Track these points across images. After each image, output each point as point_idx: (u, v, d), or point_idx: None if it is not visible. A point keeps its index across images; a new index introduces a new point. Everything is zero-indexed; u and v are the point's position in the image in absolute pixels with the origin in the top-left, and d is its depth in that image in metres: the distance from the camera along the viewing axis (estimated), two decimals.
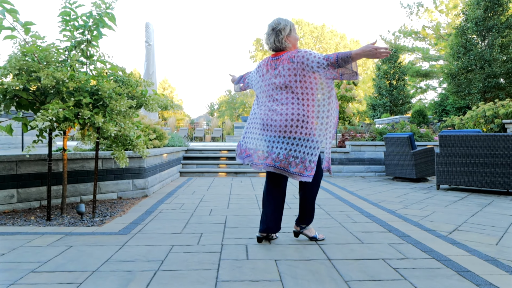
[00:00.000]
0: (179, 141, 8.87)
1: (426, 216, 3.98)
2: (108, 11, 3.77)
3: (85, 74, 3.68)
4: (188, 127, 25.45)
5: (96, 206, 4.39)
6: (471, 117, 8.73)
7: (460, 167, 5.72)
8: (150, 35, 8.76)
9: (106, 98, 3.57)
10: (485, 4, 12.78)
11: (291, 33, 2.82)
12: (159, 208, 4.37)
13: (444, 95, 18.41)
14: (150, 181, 5.48)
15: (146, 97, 4.08)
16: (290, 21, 2.86)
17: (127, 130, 3.78)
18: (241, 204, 4.61)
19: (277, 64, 2.76)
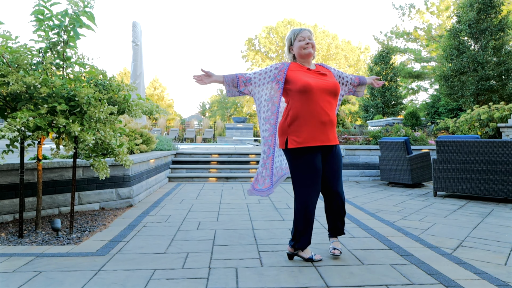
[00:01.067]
0: (168, 144, 8.57)
1: (426, 229, 3.77)
2: (86, 9, 3.48)
3: (61, 78, 3.38)
4: (179, 127, 25.07)
5: (76, 219, 4.10)
6: (465, 120, 8.59)
7: (458, 174, 5.54)
8: (138, 35, 8.44)
9: (84, 104, 3.28)
10: (478, 6, 12.69)
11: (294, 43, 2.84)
12: (144, 220, 4.09)
13: (436, 96, 18.38)
14: (136, 189, 5.19)
15: (129, 103, 3.79)
16: (289, 33, 2.88)
17: (108, 138, 3.50)
18: (232, 216, 4.35)
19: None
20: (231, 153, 8.87)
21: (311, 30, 2.90)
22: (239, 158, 8.65)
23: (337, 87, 2.71)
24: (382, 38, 25.14)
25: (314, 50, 2.81)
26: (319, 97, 2.60)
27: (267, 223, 3.97)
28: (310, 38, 2.81)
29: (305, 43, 2.75)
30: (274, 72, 2.74)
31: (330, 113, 2.66)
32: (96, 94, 3.36)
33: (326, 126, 2.61)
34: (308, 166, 2.60)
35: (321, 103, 2.60)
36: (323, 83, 2.65)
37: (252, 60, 42.67)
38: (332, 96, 2.68)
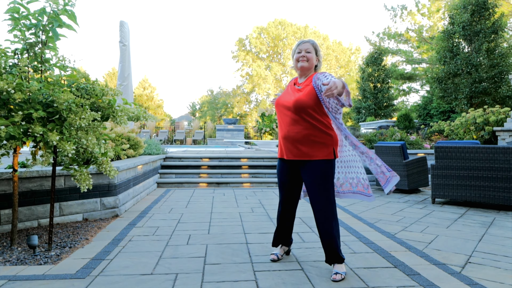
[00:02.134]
0: (156, 148, 8.28)
1: (430, 242, 3.57)
2: (67, 8, 3.21)
3: (39, 82, 3.10)
4: (169, 129, 24.71)
5: (56, 232, 3.82)
6: (460, 123, 8.48)
7: (457, 180, 5.38)
8: (125, 35, 8.14)
9: (64, 111, 3.01)
10: (472, 8, 12.64)
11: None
12: (130, 234, 3.82)
13: (427, 98, 18.36)
14: (122, 198, 4.91)
15: (113, 108, 3.53)
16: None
17: (91, 146, 3.23)
18: (224, 228, 4.11)
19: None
20: (222, 157, 8.62)
21: (314, 43, 2.73)
22: (231, 163, 8.40)
23: (298, 103, 2.57)
24: (374, 39, 25.15)
25: (311, 63, 2.70)
26: (282, 113, 2.70)
27: (261, 236, 3.74)
28: (309, 50, 2.68)
29: (299, 56, 2.70)
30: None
31: (291, 129, 2.63)
32: (77, 100, 3.09)
33: (289, 142, 2.66)
34: (277, 176, 2.91)
35: (284, 119, 2.68)
36: (287, 100, 2.66)
37: (243, 61, 42.45)
38: (294, 112, 2.59)
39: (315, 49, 2.70)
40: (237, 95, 44.43)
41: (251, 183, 7.67)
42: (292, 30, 41.41)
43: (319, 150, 2.59)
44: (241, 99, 44.62)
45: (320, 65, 2.78)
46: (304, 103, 2.55)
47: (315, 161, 2.60)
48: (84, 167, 3.34)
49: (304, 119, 2.58)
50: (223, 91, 47.59)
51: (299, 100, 2.57)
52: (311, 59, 2.67)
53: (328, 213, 2.61)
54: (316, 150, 2.59)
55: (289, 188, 2.85)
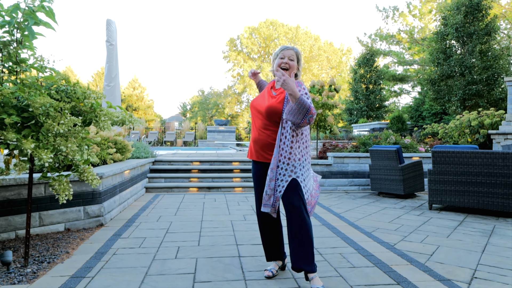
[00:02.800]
0: (145, 151, 8.02)
1: (432, 253, 3.41)
2: (45, 4, 2.96)
3: (13, 85, 2.85)
4: (159, 130, 24.35)
5: (35, 244, 3.56)
6: (455, 126, 8.38)
7: (455, 186, 5.24)
8: (112, 34, 7.86)
9: (40, 115, 2.77)
10: (465, 9, 12.59)
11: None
12: (114, 246, 3.58)
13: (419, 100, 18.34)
14: (107, 206, 4.66)
15: (96, 112, 3.28)
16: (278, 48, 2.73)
17: (71, 154, 2.99)
18: (215, 238, 3.89)
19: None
20: (213, 160, 8.39)
21: (298, 51, 2.64)
22: (222, 166, 8.18)
23: (270, 109, 2.53)
24: (366, 40, 25.09)
25: (291, 71, 2.59)
26: (255, 116, 2.66)
27: (254, 248, 3.53)
28: (292, 58, 2.60)
29: (281, 62, 2.60)
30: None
31: (261, 133, 2.61)
32: (55, 104, 2.85)
33: (258, 145, 2.64)
34: (253, 179, 2.82)
35: (256, 122, 2.65)
36: (261, 104, 2.62)
37: (234, 61, 42.20)
38: (265, 117, 2.57)
39: (297, 58, 2.64)
40: (228, 96, 44.16)
41: (242, 188, 7.46)
42: (283, 30, 41.28)
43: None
44: (232, 99, 44.36)
45: (300, 74, 2.69)
46: (276, 109, 2.53)
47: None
48: (64, 176, 3.10)
49: (275, 126, 2.57)
50: (214, 91, 47.27)
51: (271, 106, 2.55)
52: (293, 67, 2.61)
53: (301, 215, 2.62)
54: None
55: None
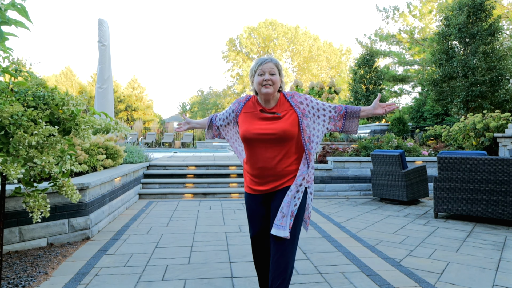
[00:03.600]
0: (139, 156, 7.75)
1: (441, 272, 3.14)
2: (16, 1, 2.69)
3: None
4: (157, 131, 24.08)
5: (12, 263, 3.29)
6: (459, 129, 8.12)
7: (462, 194, 4.98)
8: (105, 34, 7.58)
9: (11, 126, 2.50)
10: (468, 9, 12.31)
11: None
12: (98, 265, 3.31)
13: (420, 100, 18.07)
14: (94, 218, 4.39)
15: (77, 120, 3.01)
16: (253, 62, 2.34)
17: (48, 167, 2.72)
18: (207, 254, 3.62)
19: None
20: (209, 164, 8.12)
21: (277, 62, 2.26)
22: (218, 171, 7.91)
23: (286, 134, 2.15)
24: (365, 41, 24.82)
25: (277, 87, 2.23)
26: (261, 147, 2.20)
27: (248, 266, 3.26)
28: (273, 72, 2.21)
29: (262, 79, 2.19)
30: (232, 115, 2.43)
31: (274, 163, 2.19)
32: (28, 112, 2.58)
33: (266, 176, 2.22)
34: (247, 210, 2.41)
35: (264, 154, 2.19)
36: (266, 131, 2.17)
37: (233, 61, 41.98)
38: (279, 143, 2.17)
39: (278, 69, 2.26)
40: (227, 96, 43.94)
41: (239, 194, 7.19)
42: (283, 30, 41.04)
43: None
44: (231, 99, 44.12)
45: (283, 85, 2.35)
46: (290, 132, 2.16)
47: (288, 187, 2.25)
48: (40, 191, 2.83)
49: (286, 150, 2.20)
50: (213, 91, 47.09)
51: (286, 131, 2.16)
52: (276, 82, 2.23)
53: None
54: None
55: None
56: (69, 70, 44.03)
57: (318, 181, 7.34)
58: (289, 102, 2.24)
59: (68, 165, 3.07)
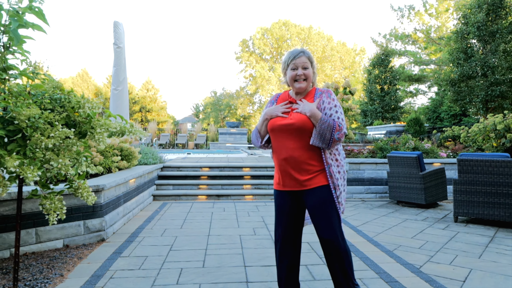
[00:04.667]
0: (153, 157, 7.77)
1: (464, 280, 3.03)
2: (33, 4, 2.70)
3: None
4: (171, 132, 24.24)
5: (29, 264, 3.31)
6: (479, 130, 7.91)
7: (484, 197, 4.82)
8: (120, 36, 7.64)
9: (28, 128, 2.51)
10: (488, 7, 11.99)
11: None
12: (113, 267, 3.30)
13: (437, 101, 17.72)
14: (109, 219, 4.40)
15: (93, 123, 3.01)
16: (285, 54, 2.35)
17: (64, 169, 2.72)
18: (221, 257, 3.58)
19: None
20: (223, 166, 8.09)
21: (310, 55, 2.28)
22: (232, 172, 7.88)
23: (304, 124, 2.18)
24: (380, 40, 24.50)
25: (310, 81, 2.29)
26: (283, 137, 2.25)
27: (264, 271, 3.21)
28: (306, 66, 2.25)
29: (295, 74, 2.25)
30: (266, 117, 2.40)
31: (296, 154, 2.22)
32: (44, 115, 2.58)
33: (290, 167, 2.24)
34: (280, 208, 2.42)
35: (285, 144, 2.24)
36: (287, 121, 2.24)
37: (246, 62, 41.97)
38: (299, 134, 2.21)
39: (311, 62, 2.29)
40: (240, 97, 43.94)
41: (253, 196, 7.14)
42: (296, 31, 40.86)
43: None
44: (244, 100, 44.13)
45: (316, 78, 2.37)
46: (309, 123, 2.19)
47: (316, 188, 2.30)
48: (56, 194, 2.83)
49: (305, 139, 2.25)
50: (226, 92, 47.16)
51: (301, 120, 2.20)
52: (309, 76, 2.27)
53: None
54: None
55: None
56: (85, 72, 44.74)
57: None
58: (316, 97, 2.27)
59: (84, 167, 3.08)
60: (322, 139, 2.12)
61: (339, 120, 2.16)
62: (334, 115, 2.18)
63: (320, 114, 2.15)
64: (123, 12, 79.28)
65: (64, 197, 3.84)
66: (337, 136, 2.11)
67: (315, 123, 2.13)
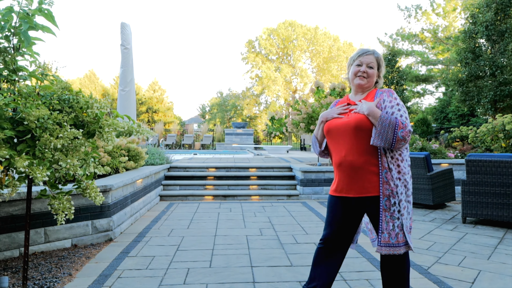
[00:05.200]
0: (160, 157, 7.81)
1: (473, 281, 3.00)
2: (43, 6, 2.73)
3: (5, 96, 2.63)
4: (177, 133, 24.34)
5: (38, 264, 3.34)
6: (487, 130, 7.84)
7: (492, 198, 4.78)
8: (127, 37, 7.69)
9: (37, 129, 2.53)
10: (496, 6, 11.87)
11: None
12: (120, 267, 3.32)
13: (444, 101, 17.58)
14: (117, 219, 4.43)
15: (101, 123, 3.04)
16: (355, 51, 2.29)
17: (72, 169, 2.74)
18: (228, 258, 3.58)
19: None
20: (229, 166, 8.11)
21: (379, 56, 2.21)
22: (238, 173, 7.89)
23: (359, 124, 2.06)
24: (387, 40, 24.40)
25: (371, 81, 2.19)
26: (338, 139, 2.16)
27: (271, 271, 3.21)
28: (372, 65, 2.17)
29: (358, 70, 2.18)
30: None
31: (351, 156, 2.12)
32: (53, 116, 2.61)
33: (347, 171, 2.14)
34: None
35: (340, 146, 2.14)
36: (343, 121, 2.16)
37: (252, 62, 42.00)
38: (355, 135, 2.09)
39: (378, 63, 2.20)
40: (246, 97, 43.98)
41: (259, 196, 7.14)
42: (302, 31, 40.81)
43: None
44: (250, 101, 44.17)
45: (381, 81, 2.27)
46: (365, 123, 2.07)
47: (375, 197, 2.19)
48: (64, 194, 2.86)
49: (361, 141, 2.14)
50: (232, 93, 47.24)
51: (358, 120, 2.09)
52: (372, 76, 2.18)
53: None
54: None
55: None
56: (93, 73, 45.11)
57: None
58: (376, 97, 2.15)
59: (92, 168, 3.10)
60: (384, 139, 1.98)
61: (402, 118, 2.02)
62: (396, 113, 2.04)
63: (379, 112, 2.01)
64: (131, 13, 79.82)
65: (72, 197, 3.88)
66: (401, 134, 1.96)
67: (374, 122, 2.00)
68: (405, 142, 2.00)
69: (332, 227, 2.21)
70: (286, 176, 7.89)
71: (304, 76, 41.09)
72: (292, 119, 8.66)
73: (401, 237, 2.05)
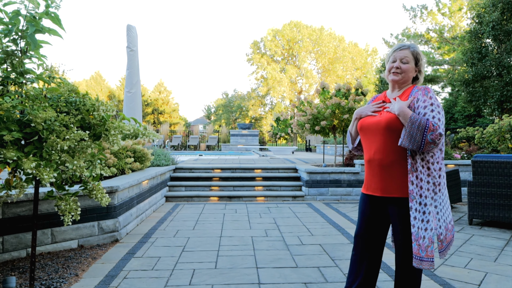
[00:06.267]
0: (166, 159, 7.84)
1: (479, 283, 2.98)
2: (50, 10, 2.76)
3: (15, 97, 2.66)
4: (183, 134, 24.42)
5: (45, 264, 3.37)
6: (494, 131, 7.77)
7: (499, 200, 4.74)
8: (133, 39, 7.74)
9: (44, 131, 2.56)
10: (503, 6, 11.77)
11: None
12: (126, 267, 3.34)
13: (450, 101, 17.46)
14: (123, 220, 4.46)
15: (107, 125, 3.06)
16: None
17: (79, 171, 2.77)
18: (233, 259, 3.59)
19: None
20: (235, 167, 8.12)
21: (415, 49, 2.14)
22: (244, 174, 7.89)
23: (390, 123, 2.01)
24: (392, 41, 24.28)
25: (406, 76, 2.12)
26: (369, 137, 2.14)
27: (276, 272, 3.21)
28: (406, 60, 2.11)
29: (392, 66, 2.14)
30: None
31: (379, 156, 2.08)
32: (60, 118, 2.64)
33: (376, 169, 2.11)
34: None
35: (371, 144, 2.12)
36: (374, 119, 2.13)
37: (258, 64, 42.03)
38: (385, 134, 2.05)
39: (415, 58, 2.13)
40: (252, 98, 44.01)
41: (265, 197, 7.15)
42: (307, 32, 40.77)
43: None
44: (256, 102, 44.19)
45: (422, 76, 2.19)
46: (396, 123, 2.01)
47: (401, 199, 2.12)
48: (71, 195, 2.89)
49: (391, 141, 2.12)
50: (238, 94, 47.30)
51: (388, 119, 2.04)
52: (407, 71, 2.10)
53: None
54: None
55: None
56: (99, 75, 45.41)
57: (345, 185, 7.20)
58: (411, 95, 2.08)
59: (98, 170, 3.12)
60: (412, 141, 1.90)
61: (434, 120, 1.90)
62: (428, 114, 1.93)
63: (409, 112, 1.94)
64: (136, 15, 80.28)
65: (78, 198, 3.91)
66: (430, 137, 1.87)
67: (404, 122, 1.93)
68: (434, 145, 1.89)
69: (362, 225, 2.21)
70: (292, 177, 7.88)
71: (309, 77, 41.03)
72: (297, 120, 8.65)
73: (430, 251, 1.92)
